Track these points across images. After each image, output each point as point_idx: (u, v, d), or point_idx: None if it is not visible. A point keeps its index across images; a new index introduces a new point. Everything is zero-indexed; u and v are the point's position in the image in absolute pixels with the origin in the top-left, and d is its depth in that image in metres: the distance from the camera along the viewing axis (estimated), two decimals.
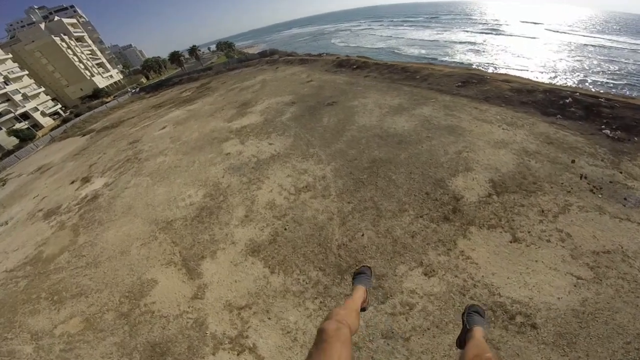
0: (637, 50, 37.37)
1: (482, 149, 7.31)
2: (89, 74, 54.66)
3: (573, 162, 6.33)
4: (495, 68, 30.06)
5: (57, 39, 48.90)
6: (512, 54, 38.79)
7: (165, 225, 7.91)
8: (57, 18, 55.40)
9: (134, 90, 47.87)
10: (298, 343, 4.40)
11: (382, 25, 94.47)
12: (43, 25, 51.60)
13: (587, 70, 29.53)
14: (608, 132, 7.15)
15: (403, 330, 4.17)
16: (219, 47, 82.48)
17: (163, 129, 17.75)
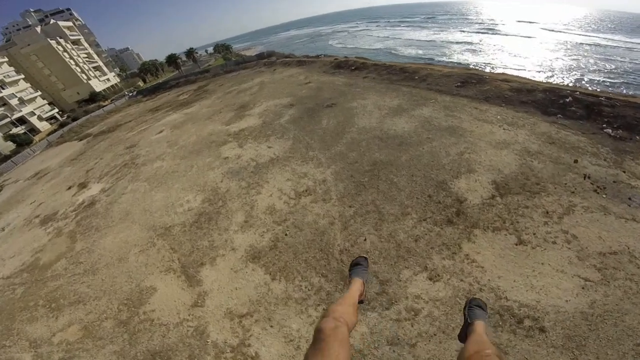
0: (632, 49, 37.67)
1: (483, 150, 7.25)
2: (86, 78, 54.48)
3: (576, 162, 6.28)
4: (493, 68, 30.19)
5: (53, 42, 48.71)
6: (508, 54, 39.01)
7: (164, 232, 7.79)
8: (53, 21, 55.21)
9: (131, 94, 47.66)
10: (301, 351, 4.29)
11: (379, 26, 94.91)
12: (39, 29, 51.41)
13: (583, 69, 29.69)
14: (610, 131, 7.11)
15: (409, 337, 4.07)
16: (216, 49, 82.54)
17: (160, 133, 17.60)
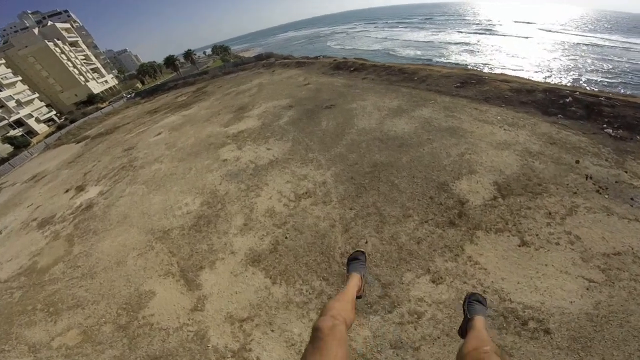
0: (629, 49, 37.85)
1: (484, 151, 7.22)
2: (84, 80, 54.26)
3: (577, 162, 6.25)
4: (491, 68, 30.24)
5: (50, 44, 48.51)
6: (506, 54, 39.11)
7: (162, 235, 7.72)
8: (50, 23, 55.03)
9: (129, 96, 47.51)
10: None
11: (377, 27, 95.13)
12: (37, 30, 51.26)
13: (581, 69, 29.79)
14: (610, 131, 7.09)
15: (412, 340, 4.03)
16: (215, 51, 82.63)
17: (158, 135, 17.51)
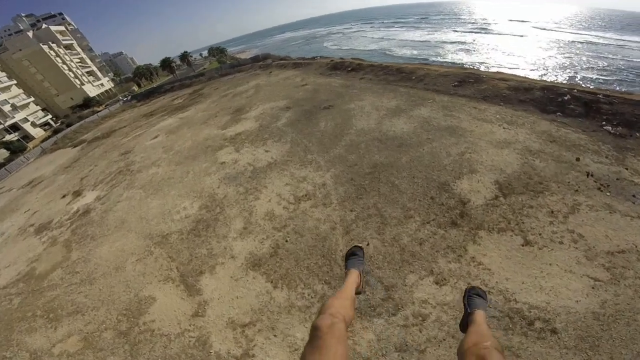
0: (623, 46, 38.12)
1: (484, 150, 7.18)
2: (79, 83, 53.83)
3: (578, 160, 6.23)
4: (488, 67, 30.31)
5: (45, 47, 48.10)
6: (502, 53, 39.26)
7: (161, 240, 7.61)
8: (45, 26, 54.61)
9: (126, 99, 47.23)
10: None
11: (373, 27, 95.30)
12: (31, 33, 50.79)
13: (576, 67, 29.94)
14: (609, 128, 7.09)
15: (417, 343, 3.97)
16: (211, 52, 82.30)
17: (155, 139, 17.38)
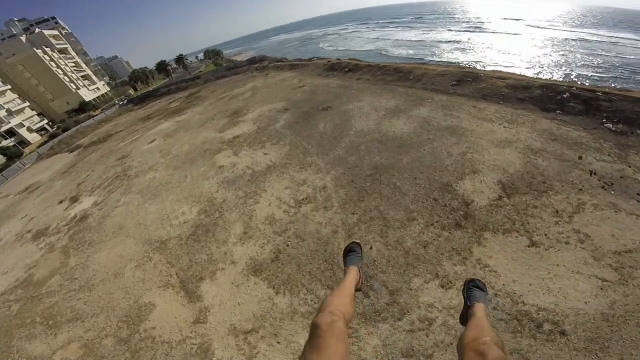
0: (616, 43, 38.48)
1: (486, 149, 7.12)
2: (75, 87, 53.48)
3: (580, 158, 6.19)
4: (484, 66, 30.42)
5: (39, 52, 47.76)
6: (497, 51, 39.50)
7: (159, 245, 7.49)
8: (38, 30, 54.23)
9: (122, 103, 46.96)
10: None
11: (368, 28, 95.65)
12: (24, 38, 50.43)
13: (571, 65, 30.15)
14: (610, 125, 7.06)
15: (424, 347, 3.88)
16: (207, 55, 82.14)
17: (152, 142, 17.20)
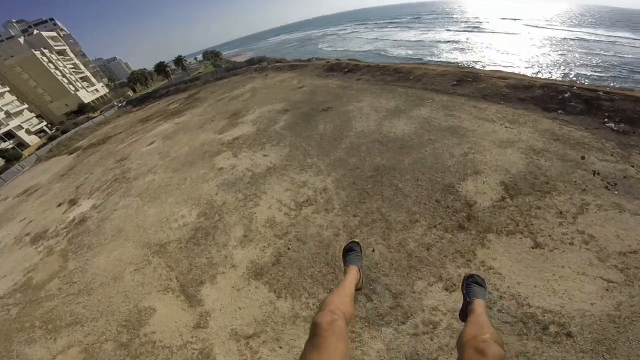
0: (615, 42, 38.54)
1: (488, 150, 7.08)
2: (73, 89, 53.30)
3: (583, 158, 6.14)
4: (483, 66, 30.40)
5: (37, 53, 47.62)
6: (496, 51, 39.49)
7: (159, 249, 7.42)
8: (36, 31, 54.12)
9: (121, 104, 46.85)
10: None
11: (367, 28, 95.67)
12: (22, 39, 50.32)
13: (570, 64, 30.14)
14: (612, 125, 7.02)
15: (429, 351, 3.83)
16: (206, 56, 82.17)
17: (151, 145, 17.14)
